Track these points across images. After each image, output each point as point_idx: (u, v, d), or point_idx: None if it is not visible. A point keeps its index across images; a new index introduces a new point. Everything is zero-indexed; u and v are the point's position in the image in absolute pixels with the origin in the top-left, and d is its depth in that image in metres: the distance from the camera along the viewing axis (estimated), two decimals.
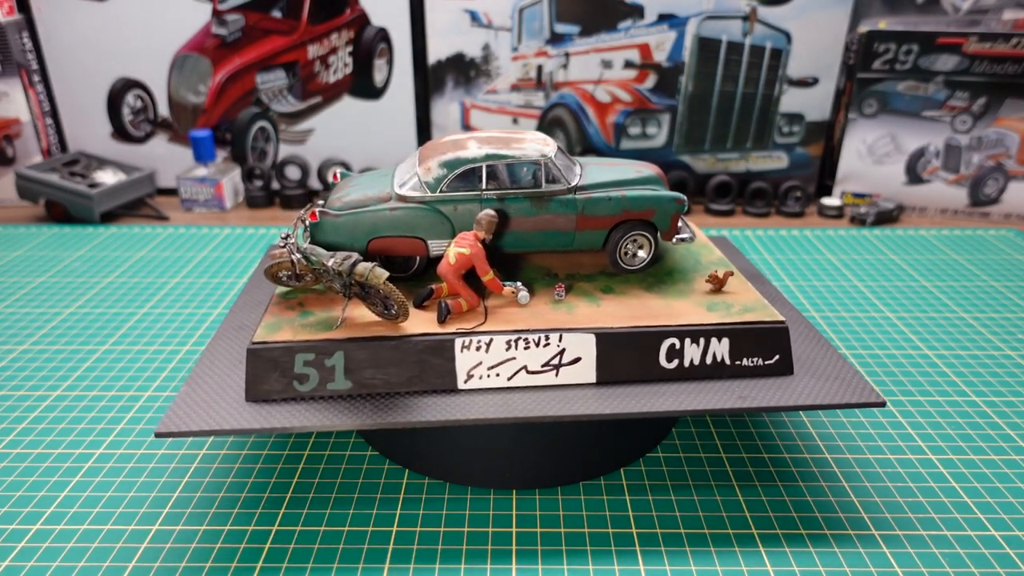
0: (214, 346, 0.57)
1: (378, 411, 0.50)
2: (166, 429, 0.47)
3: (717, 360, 0.54)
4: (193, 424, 0.47)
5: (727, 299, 0.58)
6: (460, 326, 0.52)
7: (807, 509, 0.53)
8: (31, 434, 0.61)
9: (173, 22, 1.14)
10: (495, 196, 0.57)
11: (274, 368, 0.50)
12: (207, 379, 0.53)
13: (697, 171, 1.20)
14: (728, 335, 0.53)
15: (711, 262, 0.64)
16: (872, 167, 1.17)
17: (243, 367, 0.53)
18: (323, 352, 0.51)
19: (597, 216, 0.59)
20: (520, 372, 0.52)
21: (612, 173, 0.62)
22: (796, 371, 0.55)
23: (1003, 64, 1.07)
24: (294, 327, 0.52)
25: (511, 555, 0.49)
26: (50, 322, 0.80)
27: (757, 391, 0.52)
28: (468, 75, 1.16)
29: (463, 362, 0.51)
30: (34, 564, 0.48)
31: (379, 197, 0.57)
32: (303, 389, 0.51)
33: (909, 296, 0.86)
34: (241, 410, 0.49)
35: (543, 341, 0.52)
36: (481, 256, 0.54)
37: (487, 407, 0.50)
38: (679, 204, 0.60)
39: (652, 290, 0.59)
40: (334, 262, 0.50)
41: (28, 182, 1.09)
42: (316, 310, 0.55)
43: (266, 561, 0.49)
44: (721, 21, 1.11)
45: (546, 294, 0.57)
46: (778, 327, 0.54)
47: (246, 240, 1.03)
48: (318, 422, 0.48)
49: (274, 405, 0.50)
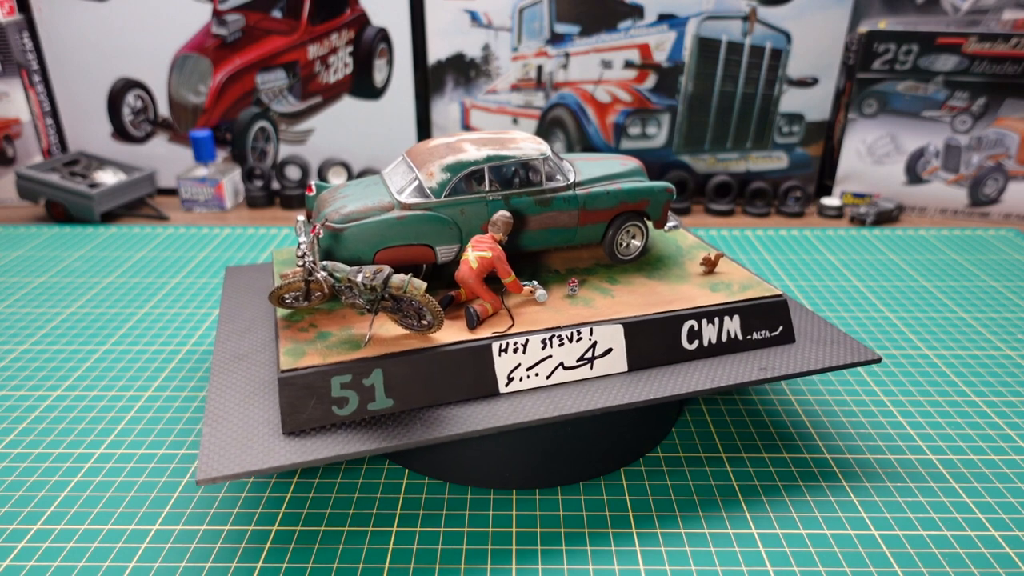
0: (218, 381, 0.53)
1: (428, 427, 0.48)
2: (206, 476, 0.43)
3: (731, 336, 0.57)
4: (235, 465, 0.44)
5: (723, 279, 0.61)
6: (493, 330, 0.52)
7: (807, 509, 0.53)
8: (31, 434, 0.61)
9: (173, 22, 1.15)
10: (500, 197, 0.57)
11: (311, 395, 0.47)
12: (226, 416, 0.49)
13: (697, 171, 1.20)
14: (739, 312, 0.57)
15: (691, 246, 0.67)
16: (872, 167, 1.17)
17: (261, 399, 0.51)
18: (360, 372, 0.48)
19: (598, 210, 0.61)
20: (557, 369, 0.53)
21: (602, 167, 0.64)
22: (797, 340, 0.59)
23: (1003, 64, 1.07)
24: (319, 350, 0.50)
25: (511, 555, 0.49)
26: (50, 322, 0.80)
27: (771, 361, 0.56)
28: (468, 75, 1.16)
29: (502, 365, 0.51)
30: (34, 564, 0.48)
31: (381, 206, 0.55)
32: (343, 413, 0.48)
33: (909, 296, 0.87)
34: (280, 443, 0.46)
35: (576, 336, 0.53)
36: (503, 258, 0.54)
37: (535, 408, 0.50)
38: (669, 193, 0.63)
39: (654, 277, 0.61)
40: (363, 277, 0.48)
41: (28, 182, 1.09)
42: (332, 329, 0.52)
43: (266, 561, 0.49)
44: (721, 21, 1.11)
45: (555, 291, 0.58)
46: (778, 300, 0.58)
47: (246, 240, 1.03)
48: (369, 446, 0.46)
49: (313, 434, 0.47)
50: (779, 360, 0.56)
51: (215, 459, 0.45)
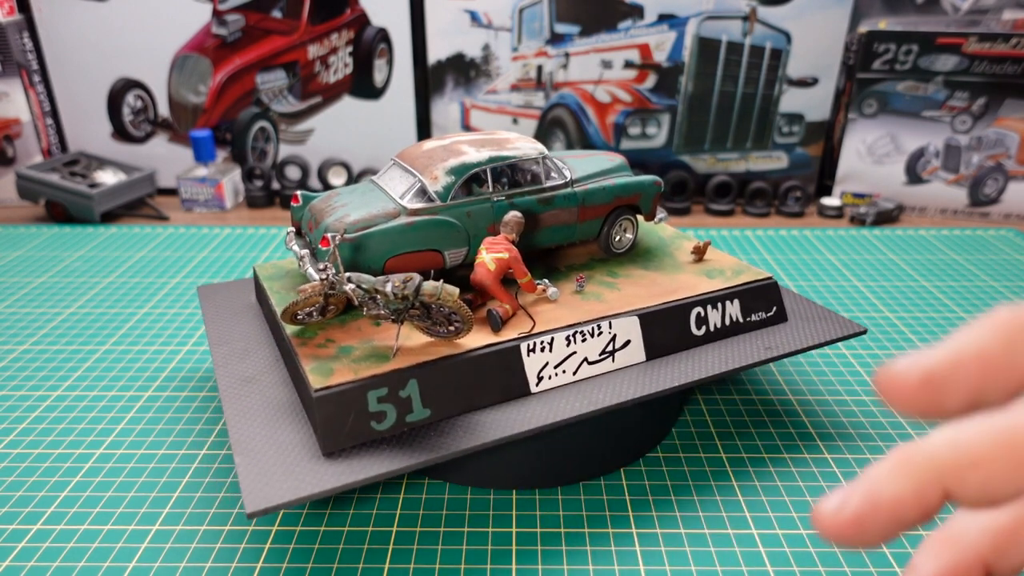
0: (233, 407, 0.50)
1: (469, 434, 0.47)
2: (256, 507, 0.40)
3: (733, 320, 0.59)
4: (284, 493, 0.41)
5: (714, 266, 0.63)
6: (519, 331, 0.52)
7: (807, 509, 0.53)
8: (31, 434, 0.61)
9: (173, 22, 1.15)
10: (505, 198, 0.57)
11: (348, 411, 0.46)
12: (254, 442, 0.46)
13: (697, 171, 1.20)
14: (738, 296, 0.60)
15: (673, 236, 0.70)
16: (872, 167, 1.17)
17: (286, 421, 0.48)
18: (396, 384, 0.47)
19: (595, 205, 0.62)
20: (582, 365, 0.53)
21: (593, 164, 0.65)
22: (789, 319, 0.62)
23: (1003, 64, 1.07)
24: (347, 365, 0.48)
25: (511, 555, 0.49)
26: (50, 322, 0.80)
27: (773, 340, 0.59)
28: (468, 75, 1.16)
29: (532, 365, 0.52)
30: (34, 564, 0.48)
31: (386, 213, 0.53)
32: (382, 428, 0.46)
33: (909, 296, 0.86)
34: (324, 466, 0.44)
35: (596, 331, 0.54)
36: (519, 258, 0.54)
37: (569, 405, 0.50)
38: (658, 186, 0.65)
39: (650, 268, 0.63)
40: (393, 286, 0.46)
41: (28, 182, 1.09)
42: (352, 343, 0.50)
43: (266, 561, 0.49)
44: (721, 21, 1.11)
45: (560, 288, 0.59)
46: (770, 283, 0.61)
47: (246, 240, 1.03)
48: (416, 459, 0.44)
49: (352, 452, 0.45)
50: (779, 339, 0.59)
51: (260, 489, 0.42)
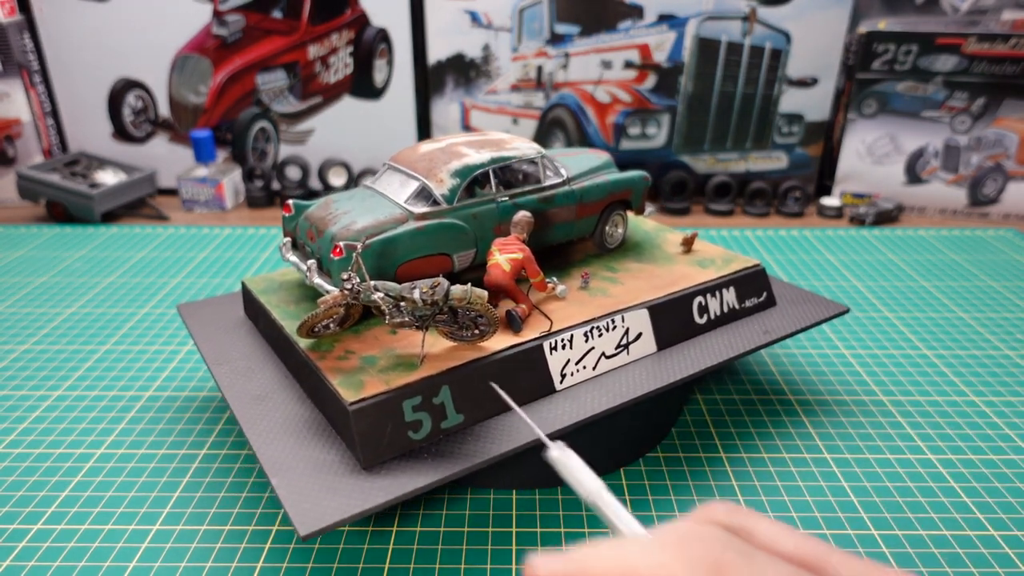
0: (253, 428, 0.49)
1: (506, 436, 0.47)
2: (309, 529, 0.40)
3: (731, 307, 0.61)
4: (336, 512, 0.41)
5: (703, 256, 0.65)
6: (539, 330, 0.52)
7: (807, 509, 0.53)
8: (32, 434, 0.61)
9: (174, 22, 1.15)
10: (508, 198, 0.57)
11: (386, 423, 0.45)
12: (288, 462, 0.45)
13: (697, 171, 1.20)
14: (733, 284, 0.62)
15: (656, 229, 0.72)
16: (871, 167, 1.17)
17: (314, 438, 0.48)
18: (429, 391, 0.47)
19: (592, 202, 0.63)
20: (600, 359, 0.54)
21: (584, 162, 0.66)
22: (778, 303, 0.65)
23: (1002, 64, 1.07)
24: (375, 376, 0.47)
25: (511, 555, 0.49)
26: (51, 322, 0.80)
27: (769, 324, 0.61)
28: (468, 75, 1.16)
29: (555, 363, 0.52)
30: (34, 564, 0.48)
31: (394, 219, 0.52)
32: (419, 437, 0.46)
33: (909, 296, 0.87)
34: (367, 480, 0.44)
35: (611, 325, 0.54)
36: (532, 258, 0.54)
37: (595, 400, 0.51)
38: (647, 181, 0.67)
39: (644, 261, 0.64)
40: (421, 293, 0.45)
41: (29, 182, 1.09)
42: (374, 353, 0.50)
43: (266, 561, 0.49)
44: (721, 21, 1.11)
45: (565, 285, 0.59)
46: (758, 269, 0.64)
47: (246, 240, 1.03)
48: (458, 466, 0.44)
49: (392, 465, 0.45)
50: (774, 322, 0.61)
51: (307, 510, 0.41)
